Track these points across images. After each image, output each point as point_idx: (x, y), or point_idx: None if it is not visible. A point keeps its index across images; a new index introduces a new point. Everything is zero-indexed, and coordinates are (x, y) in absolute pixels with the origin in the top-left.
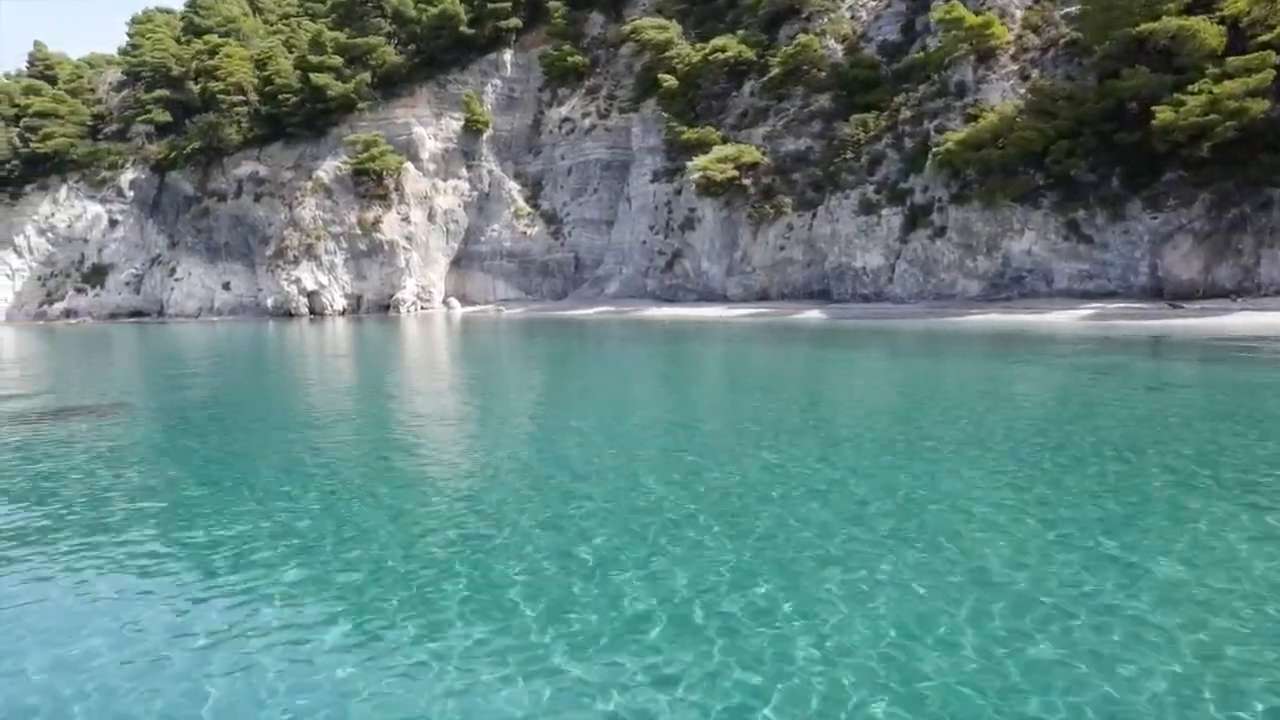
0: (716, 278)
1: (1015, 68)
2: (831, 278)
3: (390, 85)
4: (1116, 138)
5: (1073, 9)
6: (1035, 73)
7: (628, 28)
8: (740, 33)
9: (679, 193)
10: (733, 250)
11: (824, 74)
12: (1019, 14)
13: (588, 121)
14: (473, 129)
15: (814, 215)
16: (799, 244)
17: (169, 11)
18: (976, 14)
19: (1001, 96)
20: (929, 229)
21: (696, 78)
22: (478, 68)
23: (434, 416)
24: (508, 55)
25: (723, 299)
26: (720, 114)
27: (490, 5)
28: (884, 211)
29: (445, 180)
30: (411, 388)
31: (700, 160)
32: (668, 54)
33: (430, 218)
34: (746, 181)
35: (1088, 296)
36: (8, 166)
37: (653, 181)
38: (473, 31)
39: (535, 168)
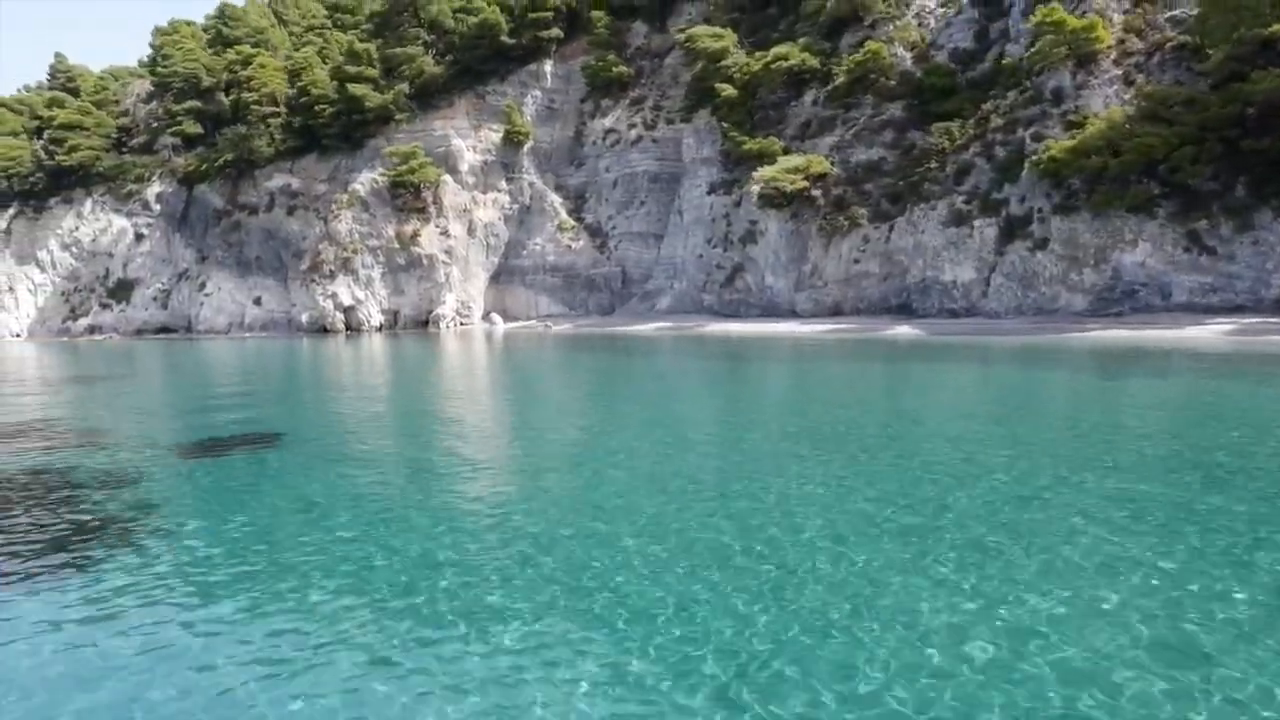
0: (783, 292)
1: (1118, 73)
2: (914, 292)
3: (427, 96)
4: (1243, 144)
5: (1178, 12)
6: (1140, 78)
7: (681, 36)
8: (802, 40)
9: (738, 205)
10: (801, 263)
11: (893, 82)
12: (1117, 18)
13: (633, 133)
14: (513, 141)
15: (892, 227)
16: (875, 257)
17: (191, 23)
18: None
19: (1104, 103)
20: (1028, 240)
21: (756, 87)
22: (517, 79)
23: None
24: (548, 66)
25: (790, 314)
26: (779, 124)
27: (531, 15)
28: (976, 223)
29: (485, 193)
30: (538, 423)
31: (767, 171)
32: (724, 63)
33: (470, 231)
34: (816, 192)
35: (1211, 311)
36: (31, 180)
37: (709, 193)
38: (513, 41)
39: (577, 180)
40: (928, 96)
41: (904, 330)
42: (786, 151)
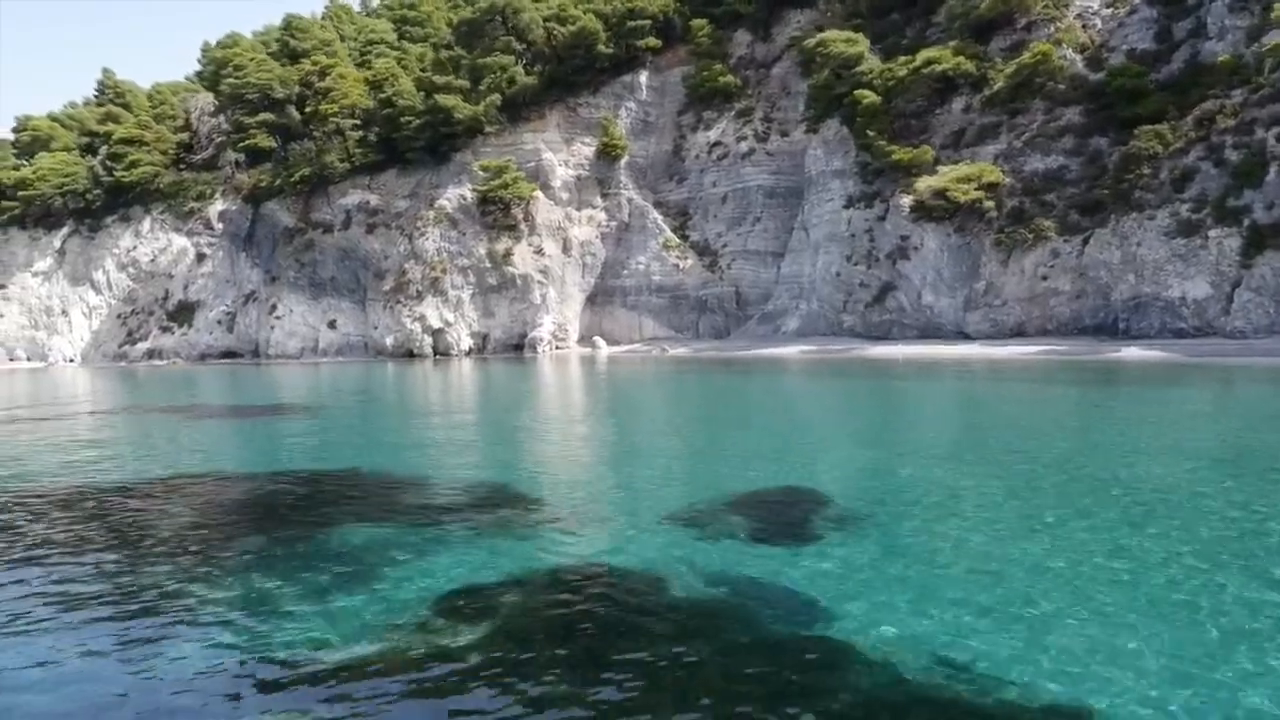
0: (946, 312)
1: None
2: (1123, 310)
3: (515, 109)
4: None
5: None
6: None
7: (812, 41)
8: (952, 44)
9: (883, 219)
10: (971, 280)
11: (1063, 86)
12: None
13: (744, 145)
14: (609, 154)
15: (1086, 240)
16: (1066, 272)
17: (244, 37)
18: None
19: None
20: None
21: (901, 93)
22: (610, 90)
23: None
24: (643, 77)
25: (956, 335)
26: (922, 134)
27: (629, 23)
28: (1211, 233)
29: (579, 210)
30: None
31: (931, 181)
32: (858, 69)
33: (565, 250)
34: (988, 204)
35: None
36: (88, 197)
37: (846, 207)
38: (610, 50)
39: (678, 196)
40: (1110, 99)
41: (1133, 352)
42: (938, 161)
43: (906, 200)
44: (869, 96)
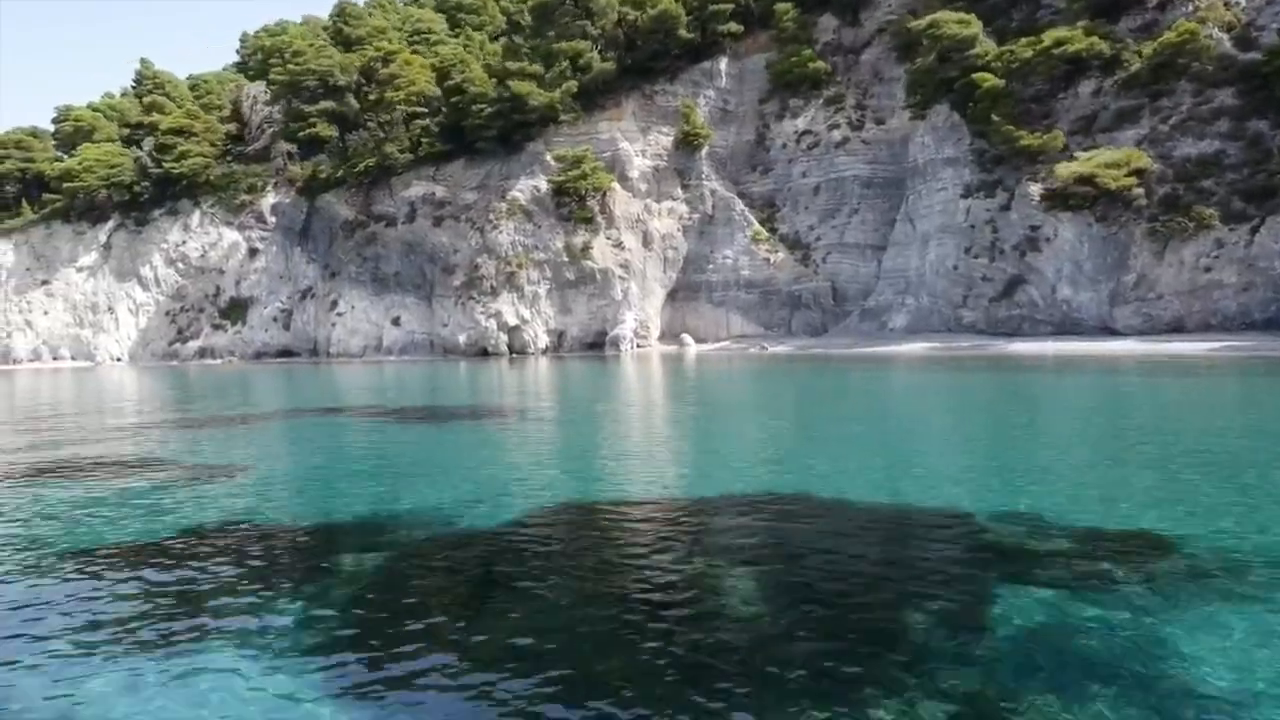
0: (1088, 306)
1: None
2: None
3: (589, 96)
4: None
5: None
6: None
7: (920, 23)
8: (1081, 24)
9: (1006, 208)
10: (1119, 273)
11: (1210, 67)
12: None
13: (837, 134)
14: (690, 144)
15: (1255, 228)
16: (1232, 264)
17: (283, 25)
18: None
19: None
20: None
21: (1021, 77)
22: (688, 77)
23: None
24: (722, 63)
25: (1098, 331)
26: (1045, 118)
27: (711, 7)
28: None
29: (659, 201)
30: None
31: (1074, 167)
32: (971, 52)
33: (645, 243)
34: (1138, 191)
35: None
36: (134, 189)
37: (964, 197)
38: (691, 35)
39: (764, 187)
40: (1266, 80)
41: None
42: (1065, 147)
43: (1035, 188)
44: (989, 80)
